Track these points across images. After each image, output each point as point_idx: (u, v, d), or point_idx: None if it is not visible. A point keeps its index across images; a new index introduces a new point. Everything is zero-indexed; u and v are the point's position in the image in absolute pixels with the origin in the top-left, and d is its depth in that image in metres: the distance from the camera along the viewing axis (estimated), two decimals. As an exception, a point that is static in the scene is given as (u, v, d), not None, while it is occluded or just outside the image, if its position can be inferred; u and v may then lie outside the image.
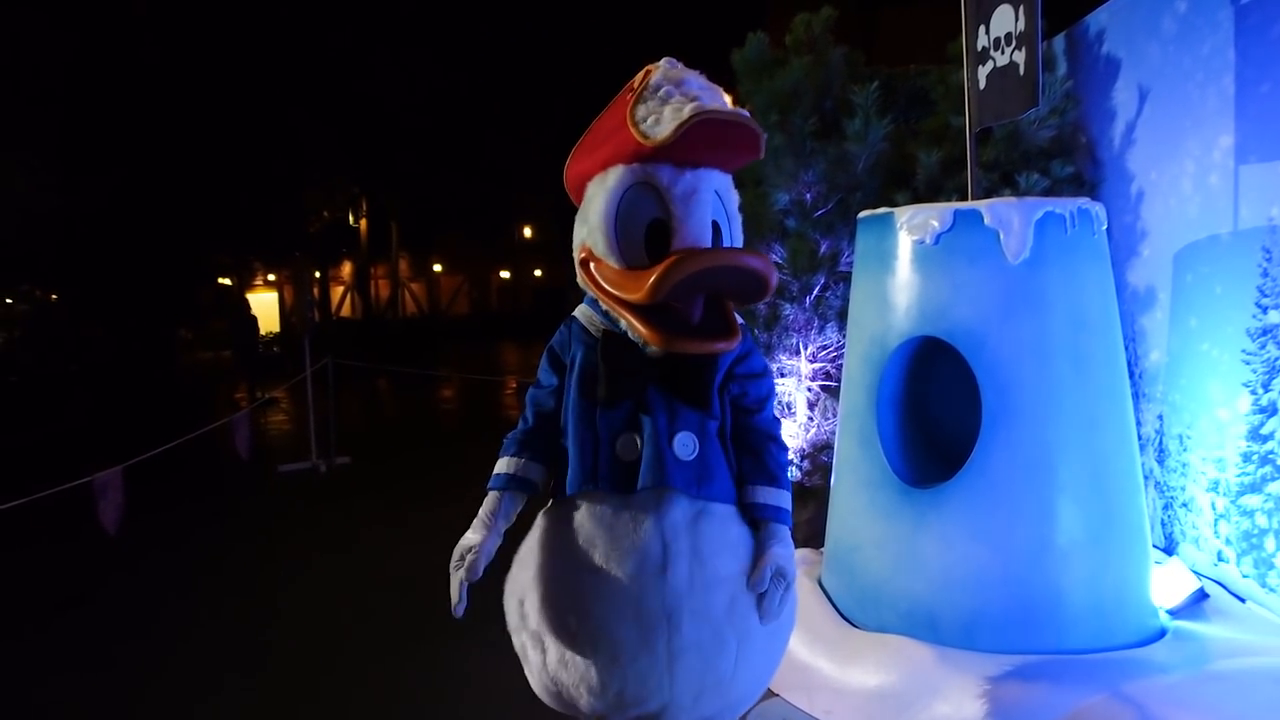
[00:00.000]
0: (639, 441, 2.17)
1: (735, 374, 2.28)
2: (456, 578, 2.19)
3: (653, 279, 1.97)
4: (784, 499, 2.29)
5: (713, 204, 2.16)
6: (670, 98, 2.09)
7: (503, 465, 2.34)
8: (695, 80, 2.15)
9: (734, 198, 2.26)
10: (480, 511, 2.29)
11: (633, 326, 2.09)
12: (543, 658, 2.23)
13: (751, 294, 2.11)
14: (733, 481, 2.26)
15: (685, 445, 2.18)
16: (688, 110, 2.00)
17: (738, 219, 2.26)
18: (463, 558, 2.20)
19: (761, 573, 2.15)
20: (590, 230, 2.18)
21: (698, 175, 2.14)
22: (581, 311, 2.34)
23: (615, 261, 2.13)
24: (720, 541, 2.18)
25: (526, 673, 2.34)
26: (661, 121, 2.05)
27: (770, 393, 2.37)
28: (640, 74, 2.21)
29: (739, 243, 2.27)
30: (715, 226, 2.17)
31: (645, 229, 2.13)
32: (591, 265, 2.20)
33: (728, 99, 2.16)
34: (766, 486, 2.27)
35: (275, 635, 4.49)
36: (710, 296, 2.11)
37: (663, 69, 2.19)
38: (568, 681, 2.19)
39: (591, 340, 2.25)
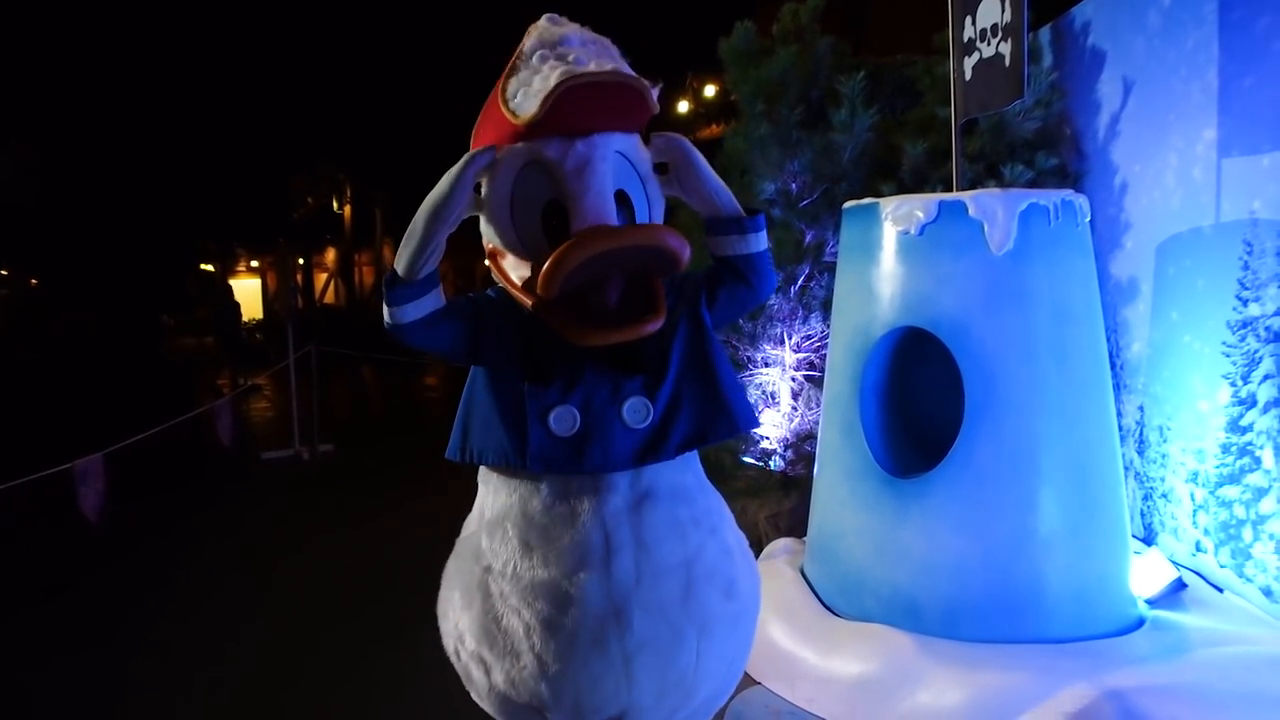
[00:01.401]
0: (578, 414, 1.92)
1: (688, 287, 2.08)
2: (473, 161, 1.93)
3: (543, 272, 1.75)
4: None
5: (617, 171, 1.92)
6: (543, 64, 1.86)
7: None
8: (576, 37, 1.93)
9: (645, 158, 2.01)
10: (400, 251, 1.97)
11: (547, 324, 1.88)
12: (487, 678, 2.04)
13: (662, 270, 1.90)
14: (696, 424, 2.00)
15: (637, 411, 1.94)
16: (554, 78, 1.76)
17: (654, 181, 2.03)
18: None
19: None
20: (489, 221, 1.99)
21: (590, 143, 1.87)
22: (496, 290, 2.11)
23: (519, 253, 1.94)
24: (667, 526, 1.98)
25: (473, 695, 2.17)
26: (530, 95, 1.83)
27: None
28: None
29: (659, 208, 2.04)
30: (623, 197, 1.94)
31: (541, 213, 1.91)
32: (499, 259, 2.00)
33: (615, 52, 1.96)
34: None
35: (259, 623, 4.48)
36: (628, 275, 1.89)
37: (539, 30, 1.97)
38: (519, 700, 2.01)
39: (515, 313, 1.98)
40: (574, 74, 1.76)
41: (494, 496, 2.08)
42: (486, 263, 2.05)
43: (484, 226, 2.03)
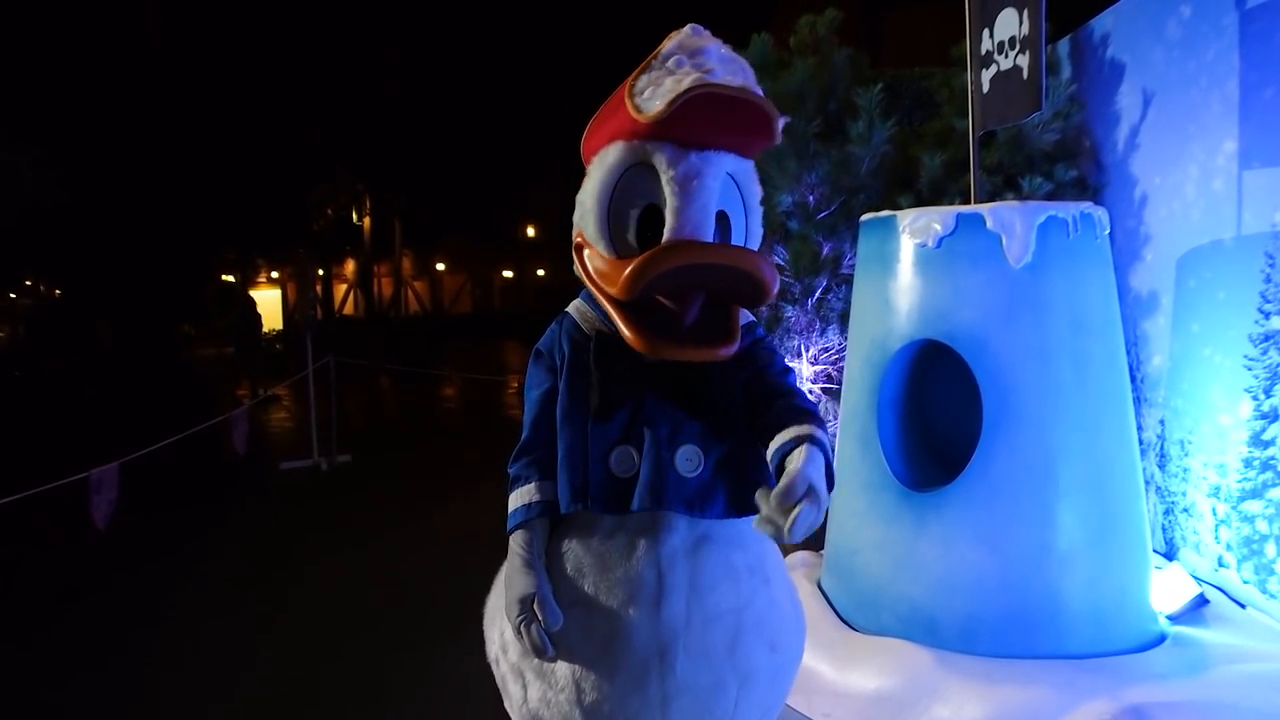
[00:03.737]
0: (636, 456, 1.92)
1: (749, 356, 2.02)
2: (533, 631, 1.90)
3: (628, 272, 1.76)
4: (818, 428, 1.90)
5: (723, 192, 1.90)
6: (679, 68, 1.83)
7: (520, 497, 2.02)
8: (716, 50, 1.88)
9: (755, 188, 2.00)
10: (516, 553, 1.98)
11: (616, 326, 1.87)
12: (524, 693, 2.03)
13: (747, 298, 1.88)
14: (750, 488, 1.90)
15: (689, 460, 1.92)
16: (686, 82, 1.75)
17: (758, 212, 2.01)
18: (527, 610, 1.91)
19: (793, 484, 1.66)
20: (584, 213, 1.97)
21: (705, 158, 1.86)
22: (575, 307, 2.11)
23: (605, 249, 1.92)
24: (722, 571, 1.96)
25: (506, 706, 2.15)
26: (658, 94, 1.80)
27: (784, 364, 2.09)
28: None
29: (756, 238, 2.01)
30: (723, 218, 1.92)
31: (639, 215, 1.89)
32: (585, 251, 1.99)
33: (750, 75, 1.90)
34: (797, 424, 1.87)
35: (276, 633, 4.49)
36: (710, 297, 1.89)
37: (681, 36, 1.92)
38: (546, 716, 2.00)
39: (584, 338, 2.01)
40: (706, 84, 1.75)
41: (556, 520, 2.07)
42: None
43: (577, 215, 2.01)
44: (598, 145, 1.99)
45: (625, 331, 1.85)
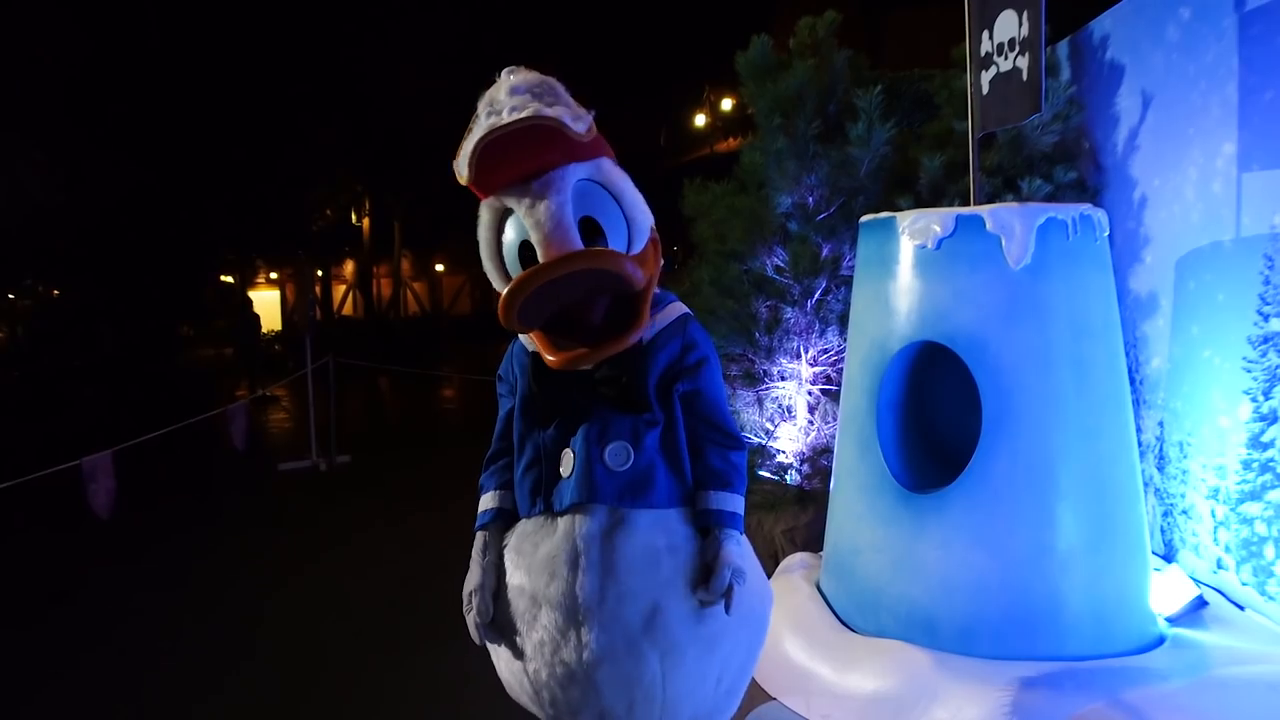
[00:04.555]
0: (572, 456, 2.12)
1: (684, 367, 2.18)
2: (470, 619, 2.18)
3: (498, 310, 1.93)
4: (733, 502, 2.19)
5: (581, 197, 2.00)
6: (476, 125, 1.95)
7: (484, 503, 2.31)
8: (508, 87, 1.97)
9: (618, 178, 2.09)
10: (473, 553, 2.26)
11: (539, 349, 2.05)
12: (498, 664, 2.28)
13: (621, 291, 1.97)
14: (680, 484, 2.17)
15: (617, 455, 2.11)
16: (472, 141, 1.90)
17: (634, 198, 2.10)
18: (470, 601, 2.19)
19: (720, 576, 2.05)
20: (486, 270, 2.12)
21: (545, 181, 1.98)
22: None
23: None
24: (640, 551, 2.09)
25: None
26: (463, 159, 1.95)
27: (717, 382, 2.26)
28: None
29: (639, 223, 2.10)
30: (589, 222, 2.01)
31: (519, 253, 2.03)
32: None
33: (557, 91, 1.99)
34: (716, 491, 2.18)
35: (273, 632, 4.49)
36: (592, 296, 1.99)
37: (490, 87, 2.02)
38: (514, 688, 2.24)
39: (527, 358, 2.18)
40: (488, 131, 1.87)
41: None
42: None
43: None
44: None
45: (543, 355, 2.02)
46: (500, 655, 2.24)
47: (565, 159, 2.00)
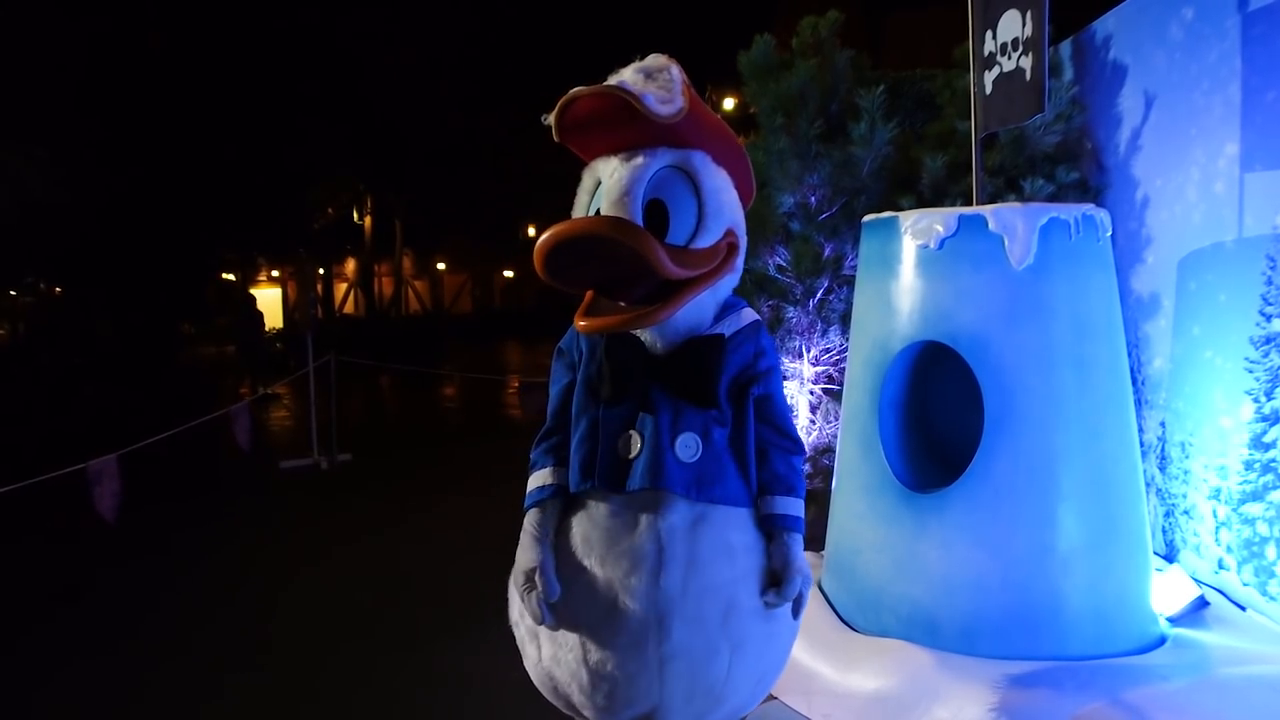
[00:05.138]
0: (639, 440, 2.13)
1: (758, 372, 2.24)
2: (533, 600, 2.13)
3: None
4: (797, 506, 2.25)
5: (660, 182, 2.07)
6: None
7: (537, 480, 2.28)
8: (642, 65, 2.07)
9: (711, 173, 2.14)
10: (528, 529, 2.22)
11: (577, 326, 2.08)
12: (538, 653, 2.24)
13: (634, 267, 1.96)
14: (745, 484, 2.21)
15: (688, 447, 2.13)
16: (559, 101, 2.02)
17: (718, 195, 2.14)
18: (530, 580, 2.14)
19: (791, 583, 2.13)
20: None
21: (628, 155, 2.09)
22: None
23: None
24: (719, 547, 2.13)
25: (527, 667, 2.34)
26: (550, 118, 2.08)
27: (782, 389, 2.34)
28: None
29: (717, 219, 2.13)
30: (658, 205, 2.07)
31: None
32: None
33: (670, 78, 2.04)
34: (781, 495, 2.23)
35: (275, 632, 4.49)
36: (641, 274, 2.01)
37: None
38: (560, 678, 2.20)
39: (596, 337, 2.20)
40: (572, 94, 2.00)
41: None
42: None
43: None
44: None
45: (576, 320, 2.05)
46: (552, 641, 2.19)
47: (655, 141, 2.10)
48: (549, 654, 2.20)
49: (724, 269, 2.16)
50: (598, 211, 2.08)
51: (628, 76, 2.04)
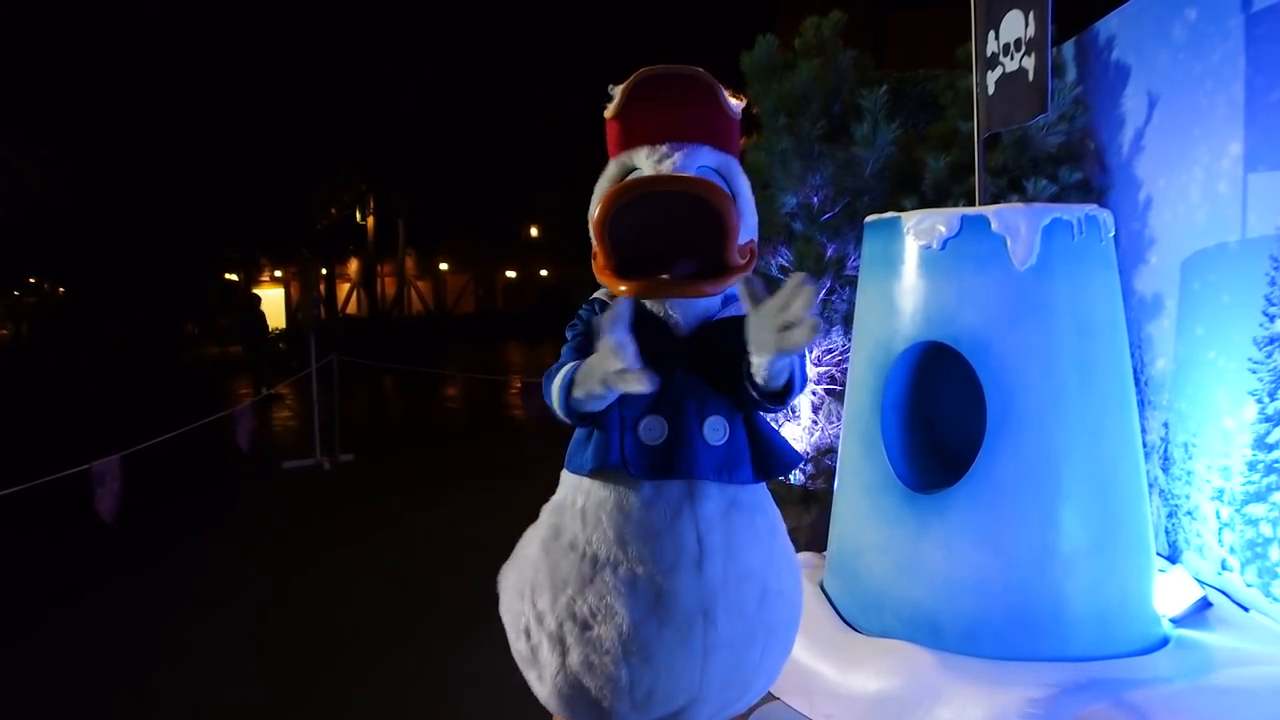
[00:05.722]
0: (665, 425, 2.05)
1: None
2: (631, 374, 1.76)
3: (600, 207, 1.96)
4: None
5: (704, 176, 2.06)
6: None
7: (562, 376, 2.05)
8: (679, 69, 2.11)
9: (741, 181, 2.15)
10: (575, 368, 1.98)
11: (613, 290, 2.01)
12: (561, 660, 2.09)
13: (708, 229, 1.95)
14: (760, 461, 2.14)
15: (716, 430, 2.08)
16: (637, 73, 2.04)
17: (748, 202, 2.15)
18: (616, 359, 1.78)
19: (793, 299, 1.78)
20: (591, 223, 2.09)
21: (677, 146, 2.07)
22: (603, 292, 2.24)
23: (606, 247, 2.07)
24: (750, 533, 2.11)
25: (534, 678, 2.20)
26: (621, 86, 2.08)
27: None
28: None
29: (747, 228, 2.11)
30: None
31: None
32: (597, 257, 2.13)
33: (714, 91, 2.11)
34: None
35: (277, 632, 4.49)
36: (705, 251, 1.99)
37: None
38: (592, 684, 2.07)
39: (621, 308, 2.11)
40: (646, 70, 2.03)
41: (590, 489, 2.14)
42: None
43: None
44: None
45: (613, 285, 2.00)
46: (584, 644, 2.05)
47: (701, 138, 2.10)
48: (578, 658, 2.06)
49: (747, 271, 2.12)
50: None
51: (682, 68, 2.08)
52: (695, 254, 2.02)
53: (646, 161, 2.06)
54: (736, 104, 2.13)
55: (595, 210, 1.99)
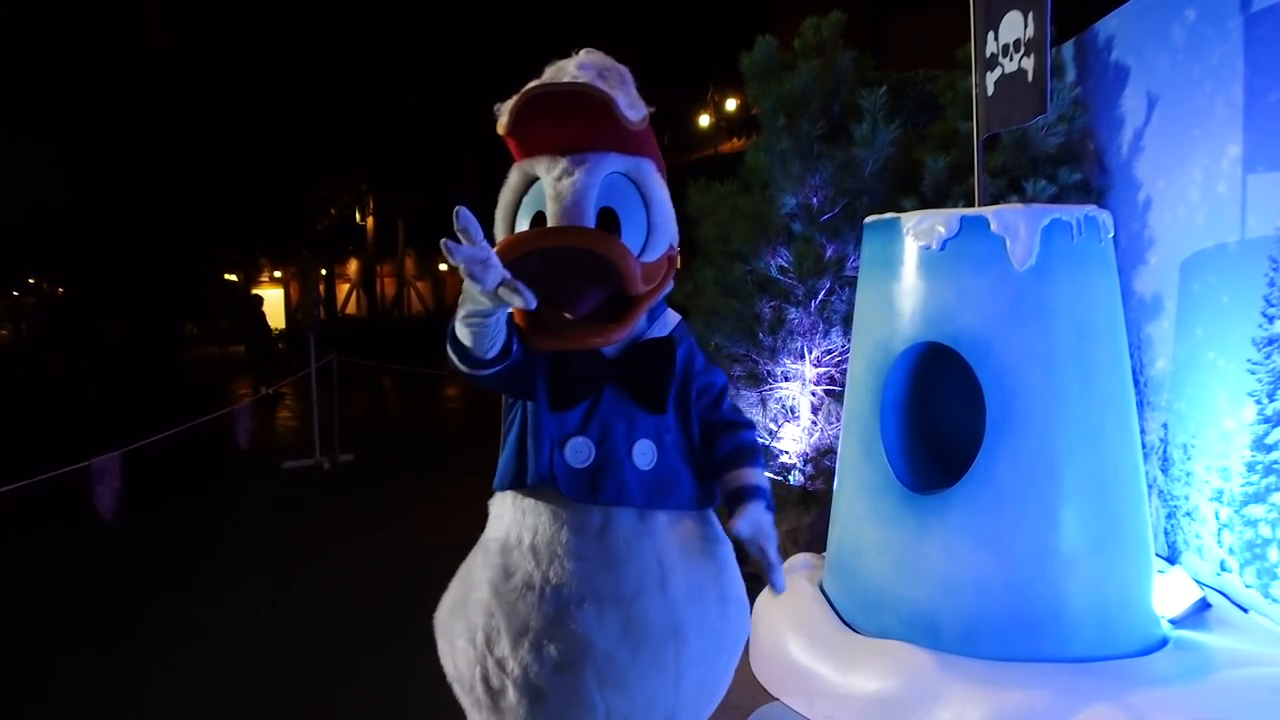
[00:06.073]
0: (591, 448, 2.02)
1: (698, 369, 2.18)
2: (515, 291, 1.73)
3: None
4: (761, 476, 2.19)
5: (609, 189, 1.98)
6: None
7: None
8: (588, 64, 1.98)
9: (655, 182, 2.07)
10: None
11: (528, 343, 1.95)
12: (530, 704, 1.99)
13: (608, 281, 1.91)
14: (698, 483, 2.14)
15: (644, 454, 2.05)
16: (523, 91, 1.88)
17: (663, 205, 2.08)
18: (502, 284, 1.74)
19: (765, 553, 2.09)
20: (497, 232, 2.07)
21: (579, 159, 1.97)
22: None
23: None
24: (699, 546, 2.13)
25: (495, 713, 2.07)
26: (504, 109, 1.93)
27: (725, 383, 2.27)
28: None
29: (664, 231, 2.07)
30: (609, 214, 1.98)
31: (530, 223, 2.01)
32: None
33: (623, 79, 1.99)
34: (749, 467, 2.17)
35: (276, 631, 4.49)
36: (578, 282, 1.93)
37: (567, 59, 2.04)
38: (563, 717, 2.00)
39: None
40: (537, 85, 1.89)
41: (536, 525, 2.07)
42: None
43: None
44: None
45: (525, 335, 1.94)
46: (560, 685, 1.96)
47: (607, 145, 2.00)
48: (554, 700, 1.97)
49: (665, 284, 2.09)
50: (539, 215, 1.99)
51: (574, 72, 1.95)
52: (602, 285, 1.94)
53: (547, 175, 1.98)
54: (641, 109, 1.97)
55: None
